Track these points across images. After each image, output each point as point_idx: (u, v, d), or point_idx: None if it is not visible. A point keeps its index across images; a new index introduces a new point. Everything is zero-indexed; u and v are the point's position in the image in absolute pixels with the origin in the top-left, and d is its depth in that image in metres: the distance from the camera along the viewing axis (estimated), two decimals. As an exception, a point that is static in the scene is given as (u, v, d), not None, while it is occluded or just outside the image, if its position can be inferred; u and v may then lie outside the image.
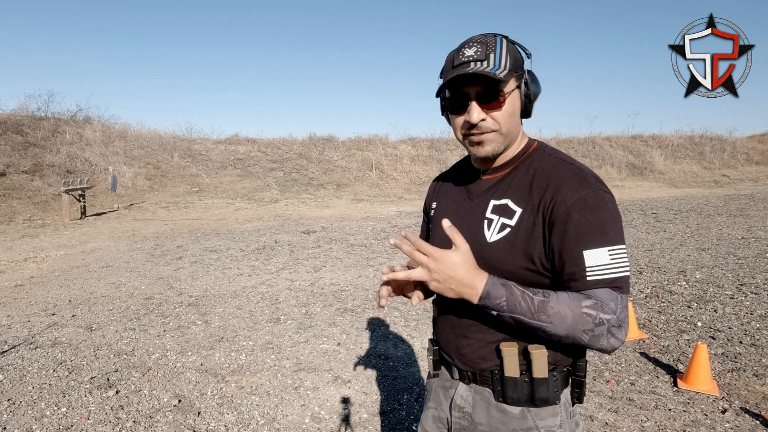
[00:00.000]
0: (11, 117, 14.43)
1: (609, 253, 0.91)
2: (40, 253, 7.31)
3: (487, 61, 0.94)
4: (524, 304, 0.89)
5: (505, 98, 0.96)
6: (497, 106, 0.96)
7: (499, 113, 0.96)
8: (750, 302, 4.45)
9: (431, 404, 1.18)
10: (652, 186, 17.08)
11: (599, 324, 0.88)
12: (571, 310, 0.88)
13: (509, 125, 0.99)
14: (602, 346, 0.90)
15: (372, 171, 16.75)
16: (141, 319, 4.32)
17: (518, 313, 0.89)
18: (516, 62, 0.98)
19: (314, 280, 5.61)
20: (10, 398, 2.91)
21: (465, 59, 0.95)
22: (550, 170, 0.98)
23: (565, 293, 0.91)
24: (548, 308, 0.88)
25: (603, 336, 0.88)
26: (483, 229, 1.02)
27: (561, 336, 0.90)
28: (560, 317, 0.88)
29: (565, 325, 0.88)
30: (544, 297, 0.89)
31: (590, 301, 0.89)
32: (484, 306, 0.91)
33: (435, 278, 0.89)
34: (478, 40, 0.97)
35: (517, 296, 0.89)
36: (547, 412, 1.00)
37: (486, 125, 0.97)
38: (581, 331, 0.88)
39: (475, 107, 0.96)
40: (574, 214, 0.91)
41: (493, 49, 0.95)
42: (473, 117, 0.96)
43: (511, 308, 0.89)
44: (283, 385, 3.08)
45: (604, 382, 3.03)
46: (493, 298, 0.89)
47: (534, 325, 0.90)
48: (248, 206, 12.81)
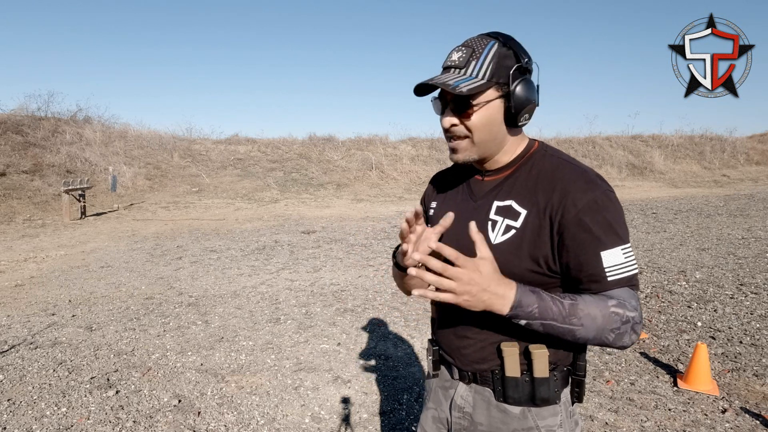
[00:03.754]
0: (11, 117, 14.41)
1: (622, 252, 0.91)
2: (40, 253, 7.31)
3: (465, 69, 0.95)
4: (556, 309, 0.87)
5: (475, 110, 0.96)
6: (467, 116, 0.97)
7: (470, 122, 0.97)
8: (750, 302, 4.45)
9: (431, 404, 1.17)
10: (652, 186, 17.08)
11: (626, 322, 0.88)
12: (600, 310, 0.88)
13: (483, 135, 0.98)
14: (623, 344, 0.90)
15: (372, 171, 16.74)
16: (141, 319, 4.32)
17: (550, 319, 0.87)
18: (502, 70, 0.95)
19: (314, 280, 5.61)
20: (10, 398, 2.91)
21: (448, 63, 0.98)
22: (554, 171, 0.98)
23: (589, 295, 0.91)
24: (579, 311, 0.87)
25: (626, 333, 0.89)
26: (487, 231, 1.01)
27: (589, 338, 0.89)
28: (591, 318, 0.87)
29: (595, 325, 0.87)
30: (572, 300, 0.89)
31: (614, 301, 0.89)
32: (513, 316, 0.86)
33: (468, 290, 0.82)
34: (469, 43, 0.98)
35: (548, 302, 0.87)
36: (547, 412, 1.00)
37: (457, 131, 0.99)
38: (609, 331, 0.88)
39: (447, 112, 0.98)
40: (586, 217, 0.91)
41: (477, 57, 0.95)
42: (444, 122, 0.99)
43: (543, 315, 0.87)
44: (283, 385, 3.08)
45: (604, 382, 3.03)
46: (525, 306, 0.86)
47: (564, 330, 0.88)
48: (248, 206, 12.81)
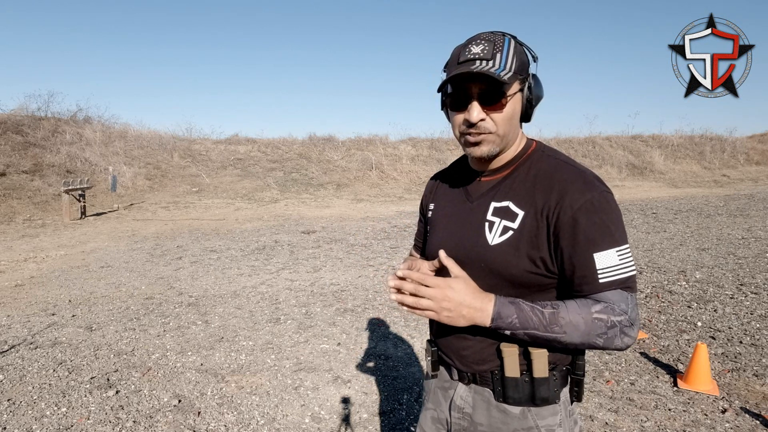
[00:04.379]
0: (11, 117, 14.42)
1: (617, 254, 0.91)
2: (40, 253, 7.30)
3: (493, 60, 0.92)
4: (536, 319, 0.88)
5: (507, 101, 0.94)
6: (499, 108, 0.94)
7: (499, 115, 0.95)
8: (750, 302, 4.45)
9: (430, 405, 1.17)
10: (652, 186, 17.08)
11: (611, 327, 0.88)
12: (582, 317, 0.88)
13: (507, 128, 0.97)
14: (617, 346, 0.90)
15: (372, 171, 16.74)
16: (141, 319, 4.32)
17: (531, 329, 0.89)
18: (521, 65, 0.96)
19: (314, 280, 5.61)
20: (10, 398, 2.91)
21: (471, 56, 0.93)
22: (552, 172, 0.97)
23: (573, 301, 0.91)
24: (560, 319, 0.88)
25: (616, 337, 0.89)
26: (484, 232, 1.00)
27: (576, 344, 0.90)
28: (573, 326, 0.88)
29: (578, 333, 0.88)
30: (553, 308, 0.89)
31: (599, 306, 0.89)
32: (496, 327, 0.90)
33: (446, 307, 0.89)
34: (486, 38, 0.95)
35: (527, 312, 0.89)
36: (547, 411, 1.00)
37: (485, 126, 0.95)
38: (595, 336, 0.88)
39: (475, 106, 0.94)
40: (581, 217, 0.91)
41: (500, 49, 0.94)
42: (473, 116, 0.94)
43: (523, 324, 0.89)
44: (283, 385, 3.08)
45: (604, 382, 3.03)
46: (505, 317, 0.89)
47: (548, 338, 0.89)
48: (248, 206, 12.81)
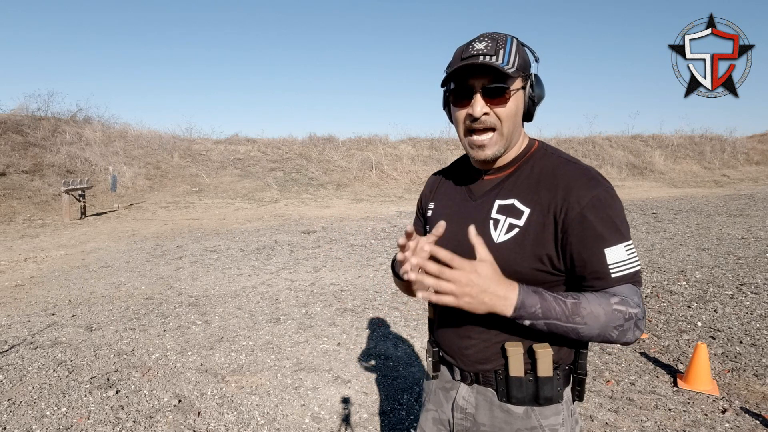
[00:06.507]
0: (11, 117, 14.41)
1: (625, 249, 0.92)
2: (40, 253, 7.30)
3: (497, 56, 0.93)
4: (558, 309, 0.87)
5: (510, 95, 0.95)
6: (502, 102, 0.95)
7: (503, 110, 0.95)
8: (750, 302, 4.45)
9: (431, 406, 1.16)
10: (652, 186, 17.08)
11: (628, 319, 0.88)
12: (603, 308, 0.88)
13: (510, 125, 0.97)
14: (627, 340, 0.90)
15: (372, 171, 16.74)
16: (141, 319, 4.32)
17: (553, 319, 0.87)
18: (524, 63, 0.97)
19: (314, 280, 5.61)
20: (10, 398, 2.91)
21: (474, 52, 0.94)
22: (556, 170, 0.98)
23: (592, 293, 0.91)
24: (581, 309, 0.87)
25: (630, 330, 0.89)
26: (489, 230, 1.00)
27: (593, 336, 0.89)
28: (594, 317, 0.87)
29: (599, 323, 0.88)
30: (575, 299, 0.89)
31: (617, 298, 0.89)
32: (518, 317, 0.87)
33: (468, 292, 0.82)
34: (489, 36, 0.97)
35: (550, 301, 0.87)
36: (550, 411, 1.00)
37: (488, 120, 0.96)
38: (612, 328, 0.88)
39: (479, 99, 0.94)
40: (589, 214, 0.91)
41: (503, 46, 0.95)
42: (476, 110, 0.94)
43: (546, 314, 0.87)
44: (283, 385, 3.08)
45: (604, 382, 3.03)
46: (528, 306, 0.86)
47: (568, 328, 0.88)
48: (248, 206, 12.81)
